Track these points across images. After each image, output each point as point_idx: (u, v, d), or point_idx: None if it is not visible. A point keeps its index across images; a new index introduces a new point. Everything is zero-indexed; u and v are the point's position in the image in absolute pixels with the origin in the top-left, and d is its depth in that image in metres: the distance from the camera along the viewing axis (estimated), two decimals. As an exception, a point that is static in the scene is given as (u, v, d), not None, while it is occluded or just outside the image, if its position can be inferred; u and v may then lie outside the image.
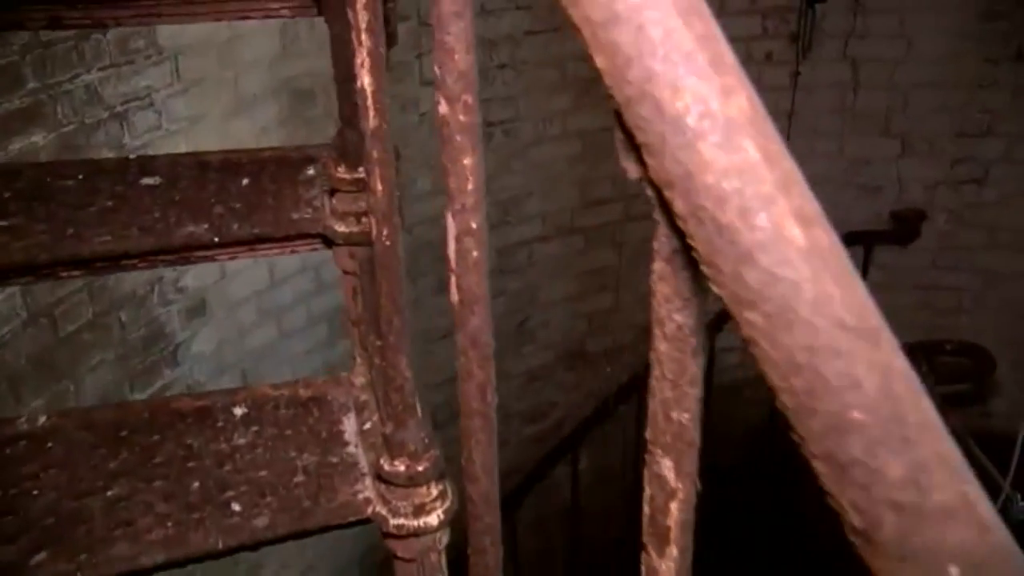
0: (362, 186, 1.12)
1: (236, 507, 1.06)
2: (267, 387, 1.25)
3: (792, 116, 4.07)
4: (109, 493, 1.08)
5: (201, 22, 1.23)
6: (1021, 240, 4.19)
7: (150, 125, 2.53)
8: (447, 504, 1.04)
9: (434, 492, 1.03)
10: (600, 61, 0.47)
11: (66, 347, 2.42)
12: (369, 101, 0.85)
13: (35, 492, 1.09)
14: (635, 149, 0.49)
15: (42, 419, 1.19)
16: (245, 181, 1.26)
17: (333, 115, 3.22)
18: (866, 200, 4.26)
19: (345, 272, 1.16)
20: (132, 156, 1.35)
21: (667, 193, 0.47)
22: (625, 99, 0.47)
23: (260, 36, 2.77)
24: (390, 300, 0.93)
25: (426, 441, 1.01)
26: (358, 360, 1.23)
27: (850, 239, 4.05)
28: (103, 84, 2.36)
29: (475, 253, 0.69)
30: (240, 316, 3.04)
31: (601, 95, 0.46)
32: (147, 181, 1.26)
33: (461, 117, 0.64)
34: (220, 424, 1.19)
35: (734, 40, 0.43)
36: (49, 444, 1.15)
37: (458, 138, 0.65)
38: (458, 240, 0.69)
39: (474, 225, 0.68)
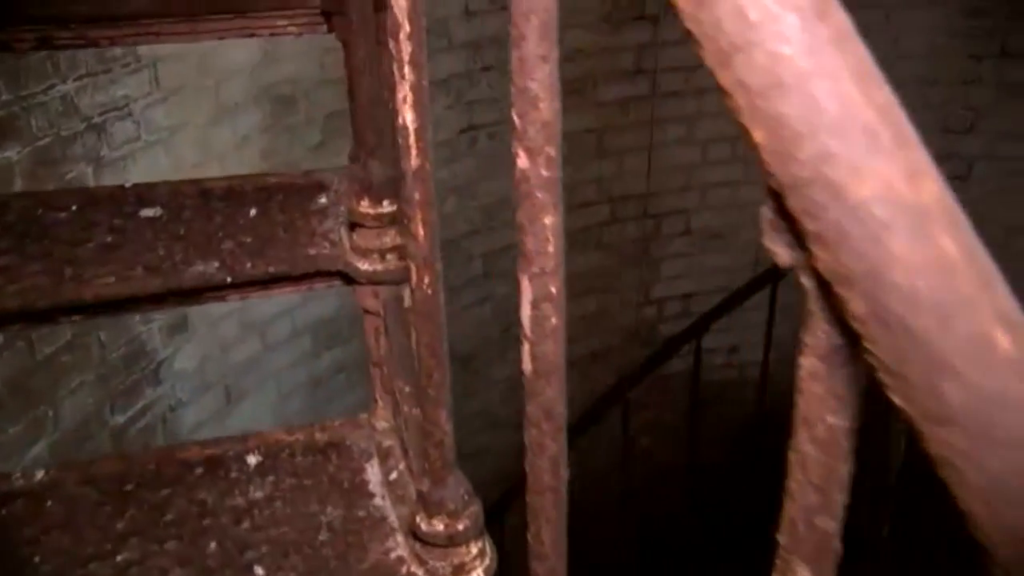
0: (386, 221, 1.04)
1: (259, 571, 0.98)
2: (280, 432, 1.17)
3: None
4: (119, 558, 1.00)
5: (203, 40, 1.15)
6: (1004, 237, 4.20)
7: (128, 136, 2.42)
8: (487, 562, 0.97)
9: (474, 551, 0.96)
10: (759, 135, 0.41)
11: (44, 370, 2.31)
12: (411, 139, 0.78)
13: (36, 559, 1.00)
14: (794, 234, 0.42)
15: (39, 474, 1.10)
16: (253, 211, 1.18)
17: (316, 123, 3.10)
18: (850, 198, 4.22)
19: (367, 312, 1.09)
20: (128, 184, 1.26)
21: (841, 290, 0.40)
22: (792, 180, 0.40)
23: (241, 43, 2.67)
24: (430, 352, 0.86)
25: (466, 498, 0.94)
26: (379, 403, 1.15)
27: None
28: (79, 94, 2.25)
29: (553, 320, 0.62)
30: (223, 331, 2.94)
31: (586, 97, 0.39)
32: (147, 213, 1.17)
33: (543, 172, 0.57)
34: (233, 475, 1.11)
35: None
36: (48, 502, 1.07)
37: (539, 195, 0.58)
38: (535, 306, 0.62)
39: (553, 290, 0.61)
